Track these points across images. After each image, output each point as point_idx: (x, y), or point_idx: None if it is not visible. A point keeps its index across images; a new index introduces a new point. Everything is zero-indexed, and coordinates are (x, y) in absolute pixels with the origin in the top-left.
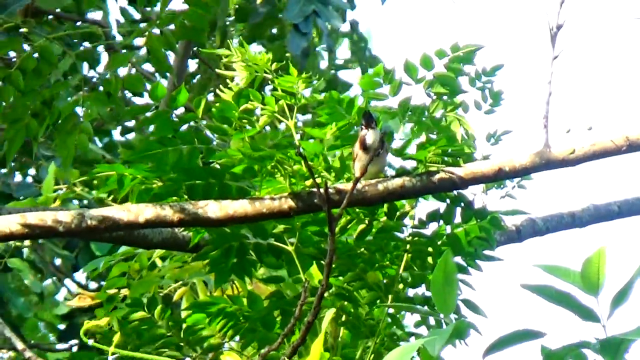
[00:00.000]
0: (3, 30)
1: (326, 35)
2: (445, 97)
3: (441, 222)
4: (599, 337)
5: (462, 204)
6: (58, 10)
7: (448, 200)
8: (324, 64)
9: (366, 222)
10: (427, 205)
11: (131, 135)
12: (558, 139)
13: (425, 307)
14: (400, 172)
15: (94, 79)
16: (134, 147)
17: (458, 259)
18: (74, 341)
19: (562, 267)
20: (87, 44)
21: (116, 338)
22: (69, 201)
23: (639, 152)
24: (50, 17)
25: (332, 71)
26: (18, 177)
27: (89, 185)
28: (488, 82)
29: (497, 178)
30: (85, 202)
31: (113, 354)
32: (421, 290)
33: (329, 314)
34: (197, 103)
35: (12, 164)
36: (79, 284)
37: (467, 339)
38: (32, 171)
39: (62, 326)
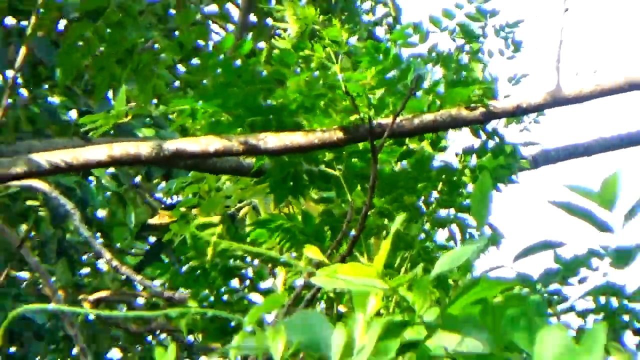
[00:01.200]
0: None
1: None
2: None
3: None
4: (613, 246)
5: (497, 138)
6: None
7: (483, 136)
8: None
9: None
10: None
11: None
12: (568, 81)
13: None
14: (433, 109)
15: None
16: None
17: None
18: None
19: (583, 187)
20: None
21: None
22: (140, 117)
23: (637, 90)
24: None
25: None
26: None
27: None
28: (511, 32)
29: (515, 114)
30: (162, 132)
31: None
32: (451, 211)
33: (398, 219)
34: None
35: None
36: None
37: (499, 246)
38: None
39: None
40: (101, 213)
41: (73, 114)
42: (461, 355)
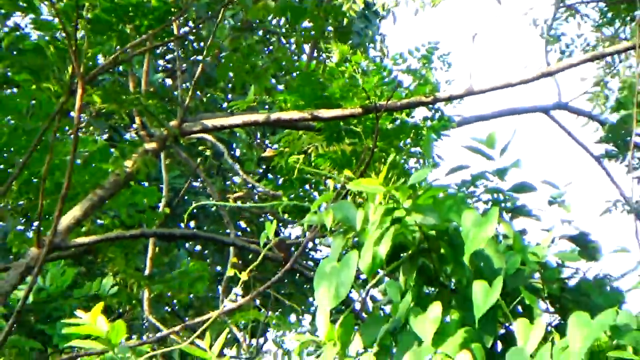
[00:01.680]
0: None
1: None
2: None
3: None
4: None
5: (439, 112)
6: None
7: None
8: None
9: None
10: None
11: None
12: (476, 82)
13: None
14: (408, 97)
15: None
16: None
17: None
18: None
19: (479, 137)
20: None
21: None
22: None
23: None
24: None
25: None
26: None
27: None
28: (445, 57)
29: (448, 99)
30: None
31: (283, 176)
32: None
33: (391, 155)
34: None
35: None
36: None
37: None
38: None
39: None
40: (238, 152)
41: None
42: (424, 225)
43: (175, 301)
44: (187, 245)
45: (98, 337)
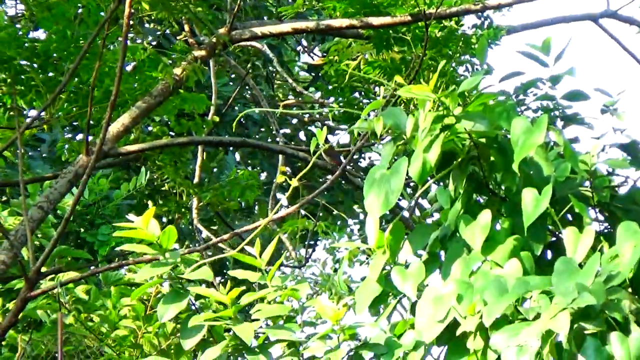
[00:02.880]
0: None
1: None
2: None
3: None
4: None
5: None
6: None
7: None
8: None
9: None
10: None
11: None
12: None
13: None
14: (457, 5)
15: None
16: None
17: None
18: None
19: (533, 44)
20: None
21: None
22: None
23: None
24: None
25: None
26: None
27: None
28: None
29: (497, 7)
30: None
31: (332, 83)
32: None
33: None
34: None
35: None
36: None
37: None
38: None
39: None
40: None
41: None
42: (473, 132)
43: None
44: (236, 154)
45: (148, 243)
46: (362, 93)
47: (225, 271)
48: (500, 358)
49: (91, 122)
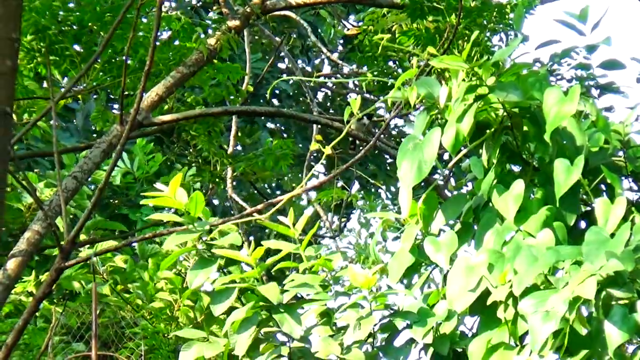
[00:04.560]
0: None
1: None
2: None
3: None
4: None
5: None
6: None
7: None
8: None
9: None
10: None
11: None
12: None
13: None
14: None
15: None
16: None
17: None
18: None
19: (571, 12)
20: None
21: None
22: None
23: None
24: None
25: None
26: None
27: None
28: None
29: None
30: None
31: (366, 52)
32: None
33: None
34: None
35: None
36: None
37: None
38: None
39: None
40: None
41: None
42: (507, 102)
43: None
44: (270, 125)
45: (178, 212)
46: (397, 62)
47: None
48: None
49: (125, 92)
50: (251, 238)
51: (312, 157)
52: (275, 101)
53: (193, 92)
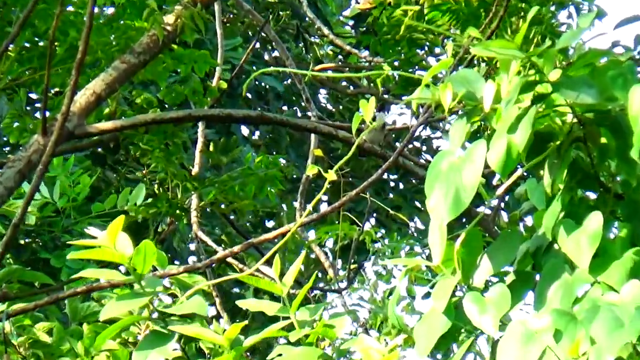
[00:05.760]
0: None
1: None
2: None
3: None
4: None
5: None
6: None
7: None
8: None
9: None
10: None
11: None
12: None
13: None
14: None
15: None
16: None
17: None
18: None
19: None
20: None
21: None
22: None
23: None
24: None
25: None
26: None
27: None
28: None
29: None
30: None
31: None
32: None
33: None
34: None
35: None
36: None
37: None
38: None
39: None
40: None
41: None
42: (577, 104)
43: (236, 212)
44: (253, 137)
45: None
46: (426, 48)
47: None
48: None
49: (50, 89)
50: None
51: (309, 181)
52: (259, 102)
53: (145, 89)
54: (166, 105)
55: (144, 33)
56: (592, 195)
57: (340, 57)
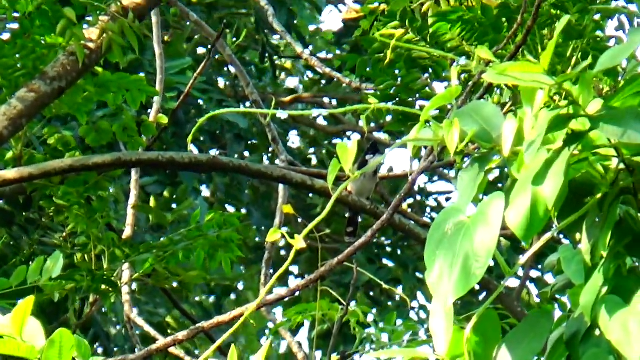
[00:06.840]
0: None
1: None
2: None
3: None
4: None
5: None
6: None
7: None
8: None
9: None
10: None
11: None
12: None
13: None
14: None
15: None
16: None
17: None
18: None
19: None
20: None
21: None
22: None
23: None
24: None
25: None
26: None
27: None
28: None
29: None
30: None
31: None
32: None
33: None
34: None
35: None
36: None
37: None
38: None
39: None
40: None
41: None
42: (623, 145)
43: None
44: (206, 191)
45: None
46: (431, 71)
47: None
48: None
49: None
50: None
51: (274, 247)
52: (215, 145)
53: (60, 126)
54: (89, 147)
55: (59, 52)
56: None
57: (322, 81)
